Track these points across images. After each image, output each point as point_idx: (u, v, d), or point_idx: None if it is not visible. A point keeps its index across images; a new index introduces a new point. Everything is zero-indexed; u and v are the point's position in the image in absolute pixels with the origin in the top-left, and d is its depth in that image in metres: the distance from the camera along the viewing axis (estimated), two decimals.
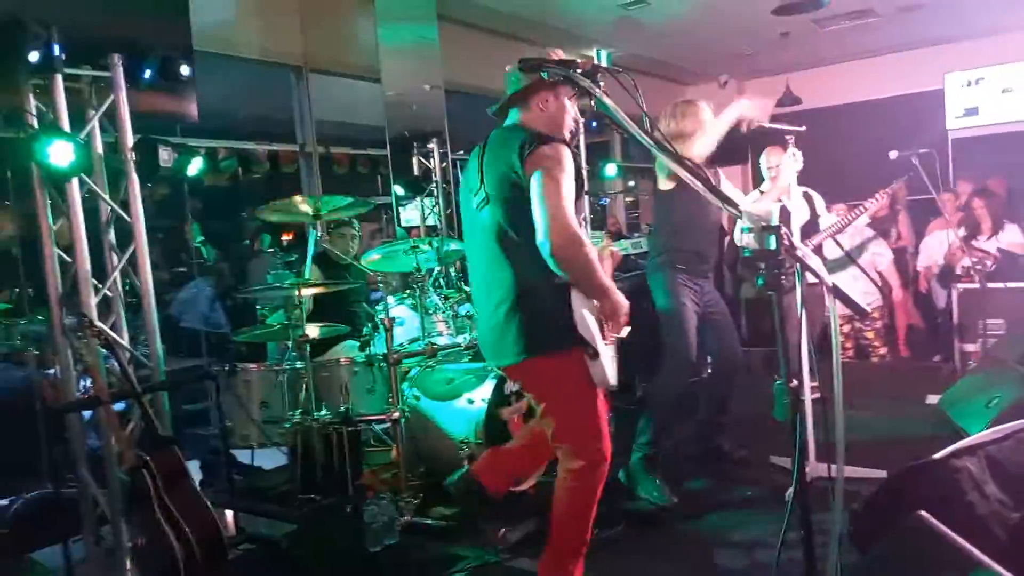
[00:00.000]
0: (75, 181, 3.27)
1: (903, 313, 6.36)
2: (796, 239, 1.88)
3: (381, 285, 3.89)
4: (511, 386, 3.74)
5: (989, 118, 8.51)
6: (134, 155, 3.50)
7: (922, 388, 4.96)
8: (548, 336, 2.37)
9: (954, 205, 6.22)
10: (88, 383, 3.34)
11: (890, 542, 2.11)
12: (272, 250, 7.49)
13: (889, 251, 6.06)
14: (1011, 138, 8.25)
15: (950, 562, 1.92)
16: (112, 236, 3.56)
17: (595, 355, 2.32)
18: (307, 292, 3.70)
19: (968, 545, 1.92)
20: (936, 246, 6.11)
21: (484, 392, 3.61)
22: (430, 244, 4.05)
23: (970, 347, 5.25)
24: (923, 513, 2.07)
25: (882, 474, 3.29)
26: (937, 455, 2.41)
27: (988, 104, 8.54)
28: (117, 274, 3.51)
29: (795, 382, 1.80)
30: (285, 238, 7.73)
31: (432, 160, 6.10)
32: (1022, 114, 8.33)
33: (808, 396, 3.56)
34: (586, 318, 2.31)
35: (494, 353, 2.55)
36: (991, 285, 5.01)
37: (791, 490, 1.82)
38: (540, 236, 2.24)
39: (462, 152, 8.49)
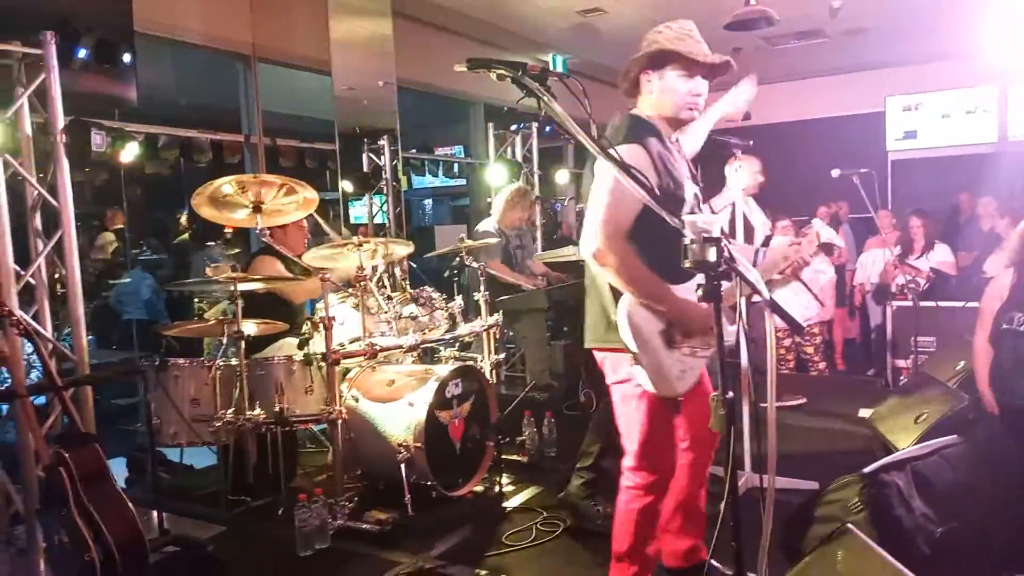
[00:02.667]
0: None
1: (840, 328, 6.54)
2: (736, 252, 1.88)
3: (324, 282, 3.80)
4: (453, 389, 3.70)
5: (927, 142, 8.83)
6: (64, 137, 3.35)
7: (855, 401, 5.08)
8: (597, 330, 2.37)
9: (890, 223, 6.42)
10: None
11: (818, 553, 2.14)
12: (213, 243, 7.30)
13: (831, 269, 6.21)
14: (947, 162, 8.57)
15: (875, 573, 1.96)
16: (38, 221, 3.39)
17: (634, 360, 2.21)
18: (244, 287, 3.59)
19: (892, 559, 1.95)
20: (872, 263, 6.30)
21: (425, 395, 3.56)
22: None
23: (902, 363, 5.42)
24: (851, 525, 2.11)
25: (814, 485, 3.35)
26: (867, 469, 2.46)
27: (926, 128, 8.87)
28: (42, 261, 3.34)
29: (731, 393, 1.80)
30: (228, 230, 7.53)
31: (383, 157, 6.02)
32: (958, 139, 8.67)
33: (746, 408, 3.61)
34: (632, 319, 2.20)
35: None
36: (923, 304, 5.17)
37: (724, 501, 1.82)
38: None
39: (414, 150, 8.43)
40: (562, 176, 8.85)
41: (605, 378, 2.44)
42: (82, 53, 3.33)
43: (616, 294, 2.24)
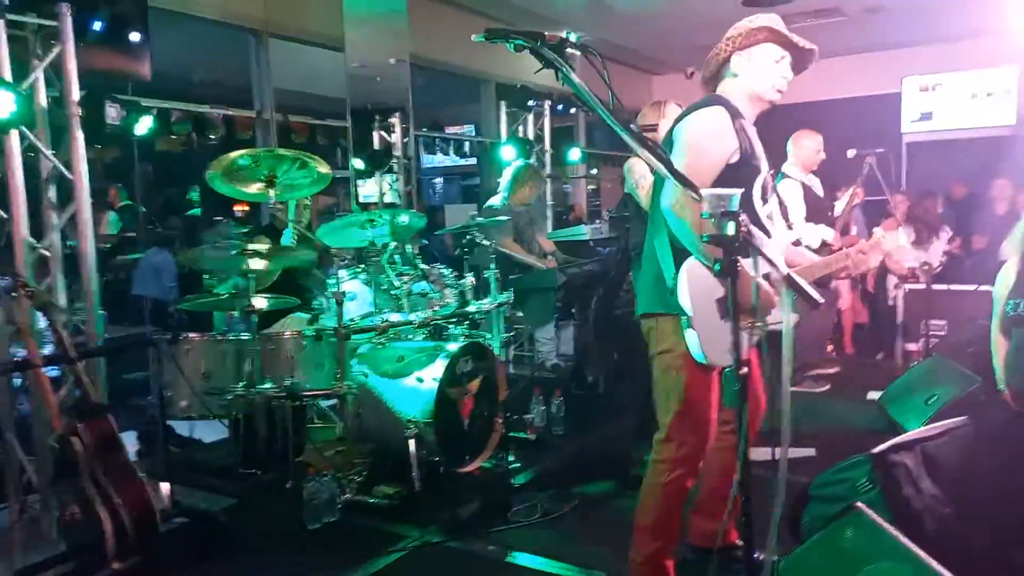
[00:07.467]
0: (14, 134, 3.12)
1: (851, 311, 6.49)
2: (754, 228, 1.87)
3: (335, 258, 3.81)
4: (463, 366, 3.71)
5: (943, 124, 8.71)
6: (79, 110, 3.35)
7: (864, 384, 5.07)
8: (649, 296, 2.43)
9: (906, 207, 6.37)
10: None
11: (827, 531, 2.15)
12: (222, 219, 7.31)
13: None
14: (963, 144, 8.46)
15: (884, 552, 1.96)
16: (52, 194, 3.41)
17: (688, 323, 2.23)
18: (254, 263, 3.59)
19: (902, 536, 1.95)
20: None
21: (435, 371, 3.57)
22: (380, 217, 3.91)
23: (912, 346, 5.39)
24: (860, 504, 2.11)
25: (811, 452, 3.35)
26: (876, 449, 2.45)
27: (942, 110, 8.74)
28: (56, 233, 3.36)
29: (744, 369, 1.80)
30: (238, 209, 7.56)
31: (394, 135, 6.00)
32: (975, 121, 8.54)
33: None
34: (692, 281, 2.24)
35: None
36: (935, 287, 5.14)
37: (735, 476, 1.82)
38: None
39: (425, 128, 8.39)
40: (574, 155, 8.77)
41: (649, 349, 2.45)
42: (97, 26, 3.32)
43: (678, 256, 2.27)
